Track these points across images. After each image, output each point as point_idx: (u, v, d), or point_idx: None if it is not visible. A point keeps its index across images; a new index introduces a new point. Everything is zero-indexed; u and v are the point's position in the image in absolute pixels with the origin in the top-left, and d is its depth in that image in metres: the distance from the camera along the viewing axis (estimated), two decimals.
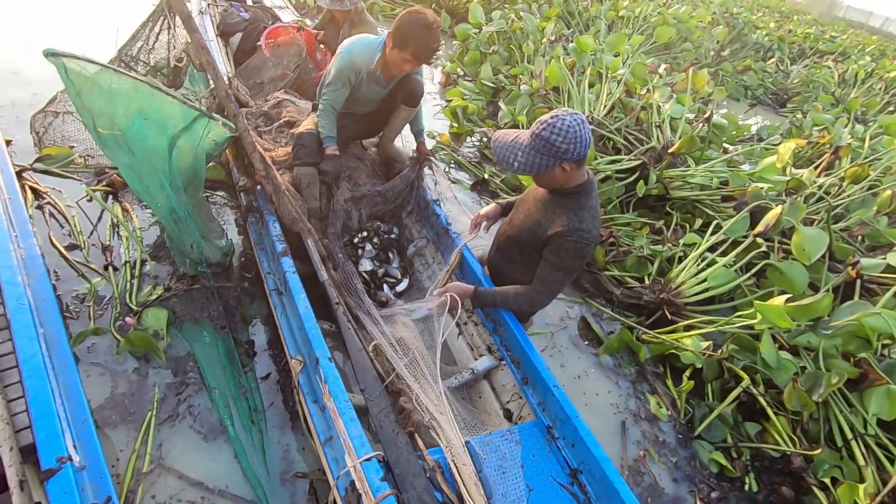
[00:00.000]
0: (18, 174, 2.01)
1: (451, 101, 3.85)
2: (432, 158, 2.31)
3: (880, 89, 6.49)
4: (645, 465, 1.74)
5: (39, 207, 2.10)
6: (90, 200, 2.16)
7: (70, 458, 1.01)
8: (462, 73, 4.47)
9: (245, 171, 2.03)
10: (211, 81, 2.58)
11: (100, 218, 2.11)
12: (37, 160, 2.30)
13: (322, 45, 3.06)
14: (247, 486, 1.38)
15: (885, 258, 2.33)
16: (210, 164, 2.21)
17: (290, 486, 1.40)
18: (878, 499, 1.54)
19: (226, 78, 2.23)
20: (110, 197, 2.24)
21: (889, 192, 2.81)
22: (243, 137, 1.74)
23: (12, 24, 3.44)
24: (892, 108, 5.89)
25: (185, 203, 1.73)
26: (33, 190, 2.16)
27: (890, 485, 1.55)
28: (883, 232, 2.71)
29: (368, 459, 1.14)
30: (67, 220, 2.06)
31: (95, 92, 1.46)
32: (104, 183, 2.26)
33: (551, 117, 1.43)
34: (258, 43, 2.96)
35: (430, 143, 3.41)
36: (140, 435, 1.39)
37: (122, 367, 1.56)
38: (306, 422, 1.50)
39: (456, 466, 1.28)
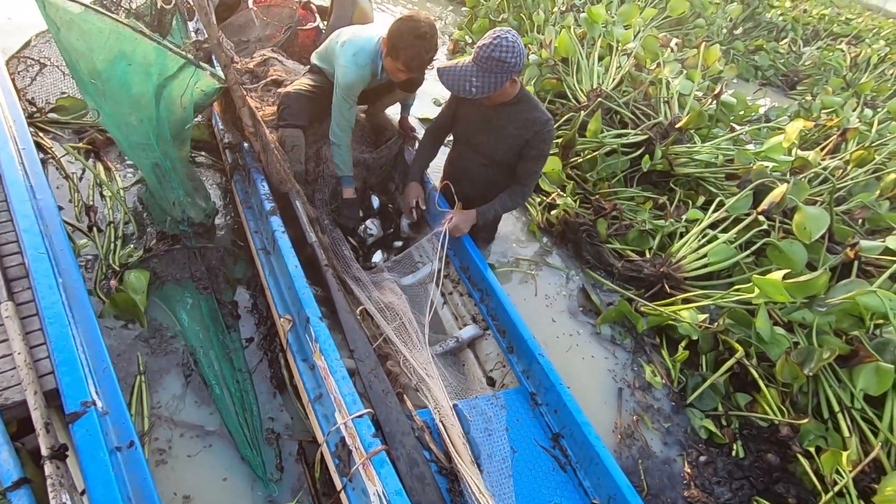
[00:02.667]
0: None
1: None
2: (416, 136, 2.29)
3: (892, 75, 6.37)
4: (637, 430, 1.80)
5: (42, 163, 2.07)
6: (74, 161, 2.09)
7: (94, 403, 1.03)
8: (470, 41, 4.35)
9: (232, 127, 1.96)
10: (192, 33, 2.50)
11: (81, 177, 2.05)
12: (50, 111, 2.24)
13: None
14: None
15: (884, 241, 2.35)
16: (194, 122, 2.16)
17: (276, 447, 1.40)
18: (860, 467, 1.61)
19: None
20: (92, 156, 2.16)
21: (893, 176, 2.81)
22: (233, 90, 1.67)
23: None
24: None
25: (173, 157, 1.68)
26: (38, 145, 2.12)
27: (872, 454, 1.61)
28: (884, 216, 2.71)
29: (360, 416, 1.16)
30: (69, 177, 2.02)
31: (76, 32, 1.39)
32: (85, 141, 2.18)
33: (495, 38, 1.56)
34: None
35: (436, 111, 3.35)
36: (133, 398, 1.39)
37: (107, 329, 1.54)
38: (293, 381, 1.52)
39: (444, 427, 1.32)
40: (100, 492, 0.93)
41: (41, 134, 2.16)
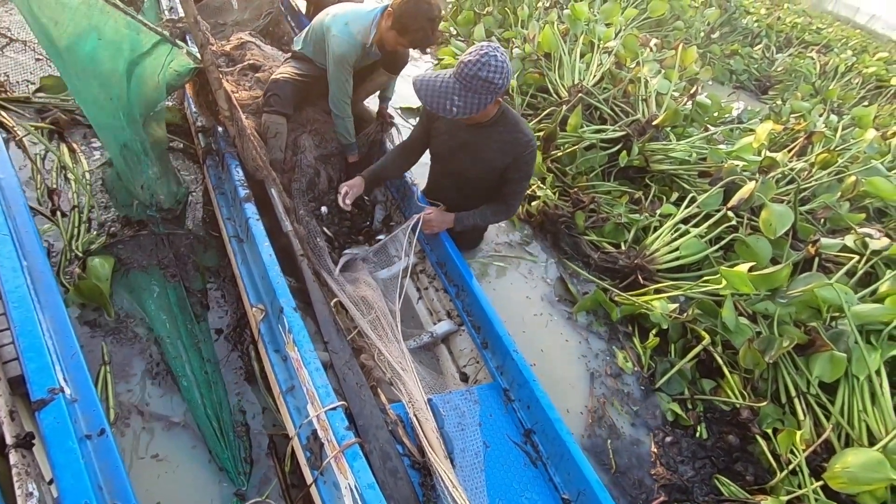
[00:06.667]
0: None
1: (442, 59, 3.77)
2: (394, 123, 2.29)
3: (857, 84, 6.67)
4: (606, 413, 1.86)
5: (4, 142, 1.96)
6: (37, 142, 1.98)
7: (62, 390, 0.98)
8: (455, 33, 4.35)
9: (206, 110, 1.89)
10: (165, 11, 2.42)
11: (45, 157, 1.94)
12: (37, 90, 2.13)
13: None
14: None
15: (842, 239, 2.47)
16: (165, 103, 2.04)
17: (246, 440, 1.37)
18: (813, 447, 1.71)
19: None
20: (55, 136, 2.05)
21: (853, 178, 2.94)
22: (209, 71, 1.61)
23: None
24: (866, 102, 6.08)
25: (143, 138, 1.61)
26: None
27: (824, 435, 1.71)
28: (844, 216, 2.84)
29: (334, 409, 1.14)
30: (31, 159, 1.92)
31: (41, 2, 1.32)
32: (48, 120, 2.07)
33: (481, 56, 1.41)
34: None
35: (418, 101, 3.34)
36: (98, 388, 1.33)
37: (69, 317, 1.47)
38: (264, 372, 1.48)
39: (418, 421, 1.32)
40: (69, 481, 0.89)
41: (2, 112, 2.05)
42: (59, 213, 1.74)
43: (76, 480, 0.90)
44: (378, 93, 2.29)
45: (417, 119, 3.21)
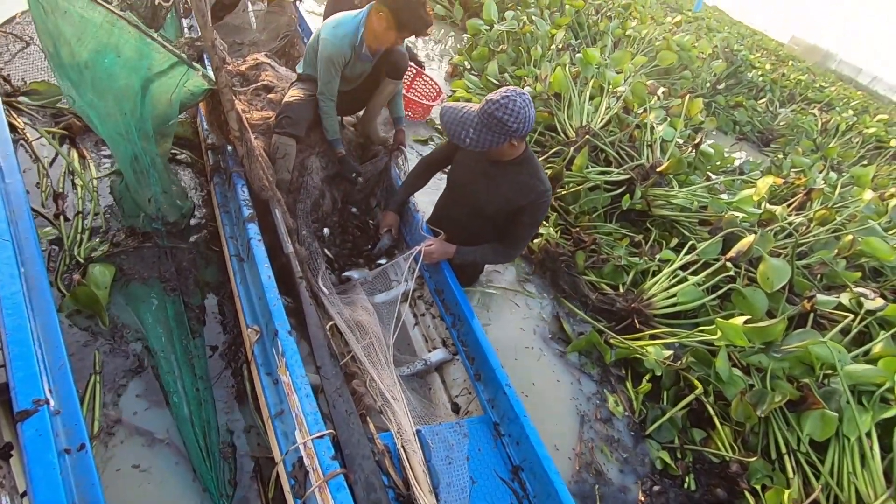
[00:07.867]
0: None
1: (455, 91, 3.89)
2: (403, 148, 2.33)
3: (857, 143, 6.84)
4: (594, 459, 1.84)
5: (13, 144, 2.00)
6: (47, 145, 2.01)
7: (47, 402, 0.97)
8: (469, 67, 4.50)
9: (217, 129, 1.94)
10: (186, 29, 2.52)
11: (52, 163, 1.98)
12: (22, 93, 2.19)
13: None
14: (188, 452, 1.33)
15: (838, 297, 2.50)
16: (178, 119, 2.07)
17: (232, 461, 1.36)
18: None
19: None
20: (66, 141, 2.09)
21: (850, 237, 2.99)
22: (223, 93, 1.66)
23: None
24: (865, 162, 6.23)
25: (153, 153, 1.65)
26: (9, 125, 2.05)
27: (812, 496, 1.68)
28: (840, 273, 2.88)
29: (321, 437, 1.14)
30: (38, 161, 1.93)
31: (65, 18, 1.37)
32: (61, 126, 2.11)
33: (502, 98, 1.51)
34: None
35: (430, 132, 3.43)
36: (87, 397, 1.33)
37: (64, 324, 1.46)
38: (255, 394, 1.47)
39: (405, 452, 1.31)
40: (45, 495, 0.87)
41: (14, 113, 2.09)
42: (62, 218, 1.75)
43: (52, 495, 0.87)
44: (389, 110, 2.31)
45: (439, 143, 3.31)
